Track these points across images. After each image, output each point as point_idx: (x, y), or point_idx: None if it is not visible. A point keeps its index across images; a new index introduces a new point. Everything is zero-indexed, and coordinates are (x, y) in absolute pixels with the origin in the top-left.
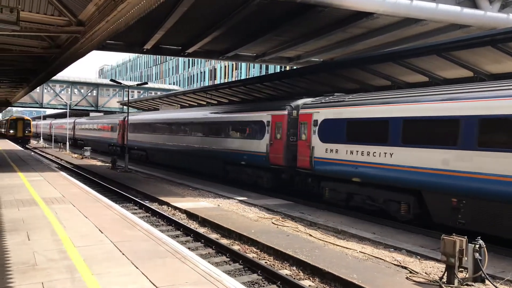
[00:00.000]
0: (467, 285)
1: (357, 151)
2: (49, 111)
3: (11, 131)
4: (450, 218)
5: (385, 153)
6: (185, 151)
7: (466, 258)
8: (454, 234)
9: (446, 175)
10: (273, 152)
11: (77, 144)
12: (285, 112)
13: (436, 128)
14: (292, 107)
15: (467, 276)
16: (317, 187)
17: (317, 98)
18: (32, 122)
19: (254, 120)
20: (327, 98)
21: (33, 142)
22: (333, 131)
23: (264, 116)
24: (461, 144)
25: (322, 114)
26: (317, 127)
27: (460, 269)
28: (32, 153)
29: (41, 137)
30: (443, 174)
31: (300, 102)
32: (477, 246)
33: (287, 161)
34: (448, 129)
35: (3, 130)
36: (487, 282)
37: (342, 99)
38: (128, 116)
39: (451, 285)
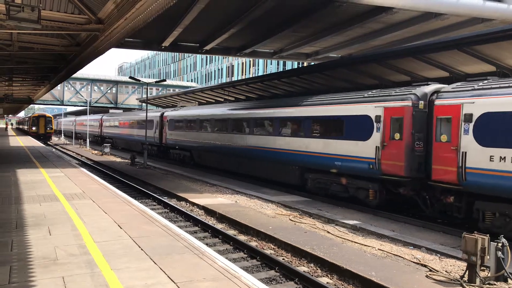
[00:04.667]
0: (489, 284)
1: None
2: (70, 109)
3: (33, 128)
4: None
5: None
6: None
7: (488, 257)
8: (475, 232)
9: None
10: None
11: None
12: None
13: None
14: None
15: (489, 275)
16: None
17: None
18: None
19: None
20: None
21: (54, 139)
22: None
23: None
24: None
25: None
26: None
27: (482, 268)
28: (54, 149)
29: (62, 134)
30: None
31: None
32: (500, 244)
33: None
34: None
35: (25, 127)
36: (509, 281)
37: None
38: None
39: (472, 284)
